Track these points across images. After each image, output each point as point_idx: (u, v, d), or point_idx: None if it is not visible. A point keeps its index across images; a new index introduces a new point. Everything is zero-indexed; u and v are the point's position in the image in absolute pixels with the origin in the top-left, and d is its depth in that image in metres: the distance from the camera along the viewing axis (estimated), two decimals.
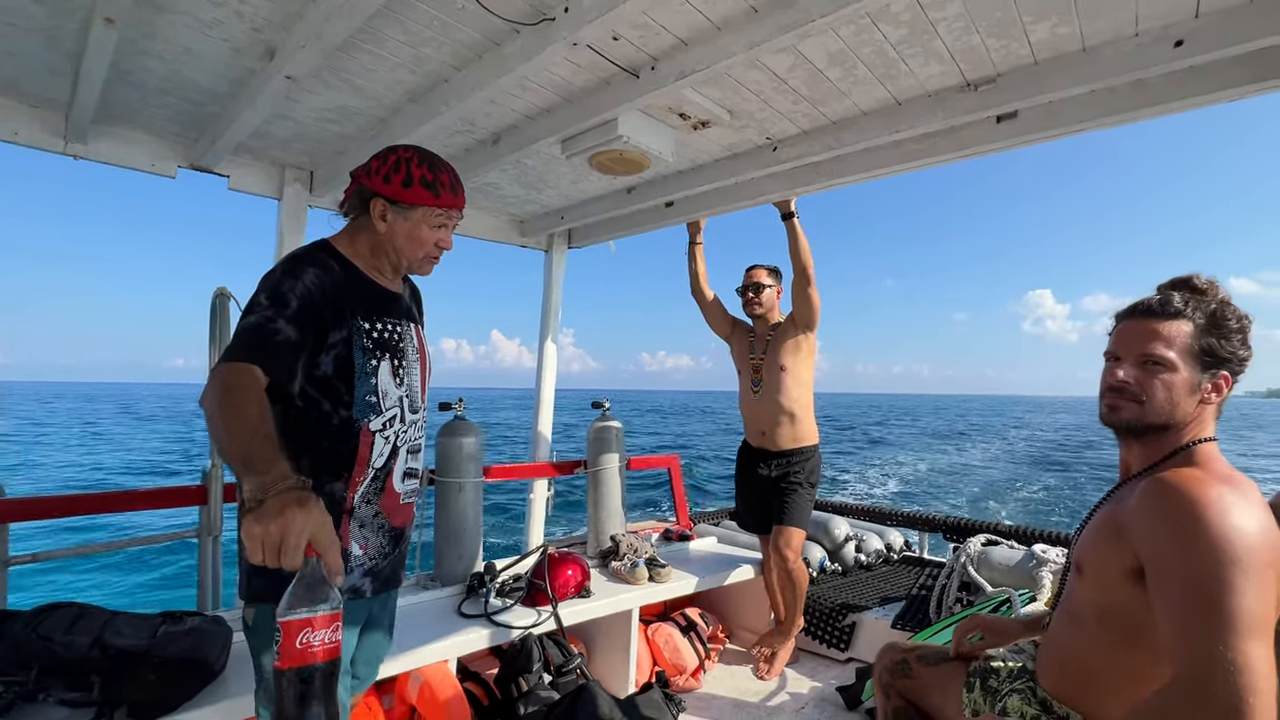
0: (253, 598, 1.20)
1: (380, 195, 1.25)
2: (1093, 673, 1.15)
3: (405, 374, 1.32)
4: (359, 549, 1.27)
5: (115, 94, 1.96)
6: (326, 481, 1.22)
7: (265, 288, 1.15)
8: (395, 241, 1.29)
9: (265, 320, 1.11)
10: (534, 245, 3.59)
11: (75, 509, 2.07)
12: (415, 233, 1.29)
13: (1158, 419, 1.10)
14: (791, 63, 1.74)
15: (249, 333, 1.10)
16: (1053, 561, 2.51)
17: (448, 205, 1.29)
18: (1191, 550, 0.91)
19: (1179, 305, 1.10)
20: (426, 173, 1.26)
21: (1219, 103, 1.68)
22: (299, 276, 1.17)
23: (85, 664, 1.48)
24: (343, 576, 0.94)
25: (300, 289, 1.15)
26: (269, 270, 1.20)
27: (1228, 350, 1.07)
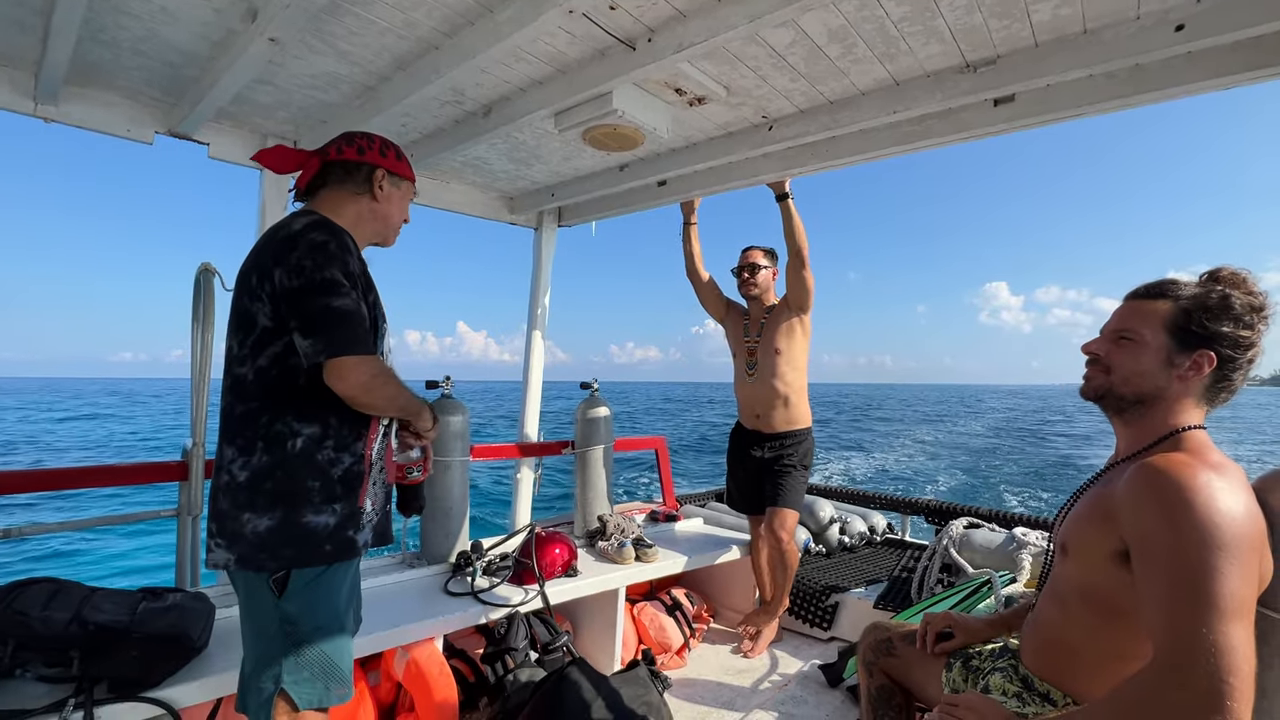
0: (284, 563, 1.23)
1: (381, 167, 1.40)
2: (1075, 652, 1.17)
3: (382, 341, 1.40)
4: (370, 505, 1.33)
5: (88, 54, 1.87)
6: (351, 441, 1.29)
7: (332, 264, 1.21)
8: (389, 209, 1.43)
9: (355, 305, 1.23)
10: (523, 223, 3.54)
11: (53, 483, 2.02)
12: (402, 203, 1.47)
13: (1125, 388, 1.13)
14: (791, 38, 1.70)
15: (358, 321, 1.22)
16: (1033, 544, 2.55)
17: (414, 180, 1.51)
18: (1177, 533, 0.92)
19: (1166, 288, 1.13)
20: (402, 152, 1.47)
21: (1216, 90, 1.68)
22: (350, 251, 1.28)
23: (64, 640, 1.45)
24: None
25: (355, 265, 1.28)
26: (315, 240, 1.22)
27: (1211, 328, 1.07)
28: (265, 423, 1.23)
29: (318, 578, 1.25)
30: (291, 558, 1.23)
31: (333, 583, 1.28)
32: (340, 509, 1.27)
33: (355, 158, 1.37)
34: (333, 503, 1.26)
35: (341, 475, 1.27)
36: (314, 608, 1.25)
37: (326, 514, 1.25)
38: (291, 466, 1.23)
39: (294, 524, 1.22)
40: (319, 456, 1.25)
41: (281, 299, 1.20)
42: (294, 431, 1.23)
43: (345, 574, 1.32)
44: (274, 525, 1.22)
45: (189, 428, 2.26)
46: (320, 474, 1.25)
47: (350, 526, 1.28)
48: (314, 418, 1.24)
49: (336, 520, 1.26)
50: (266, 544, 1.21)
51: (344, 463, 1.27)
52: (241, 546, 1.22)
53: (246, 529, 1.21)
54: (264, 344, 1.23)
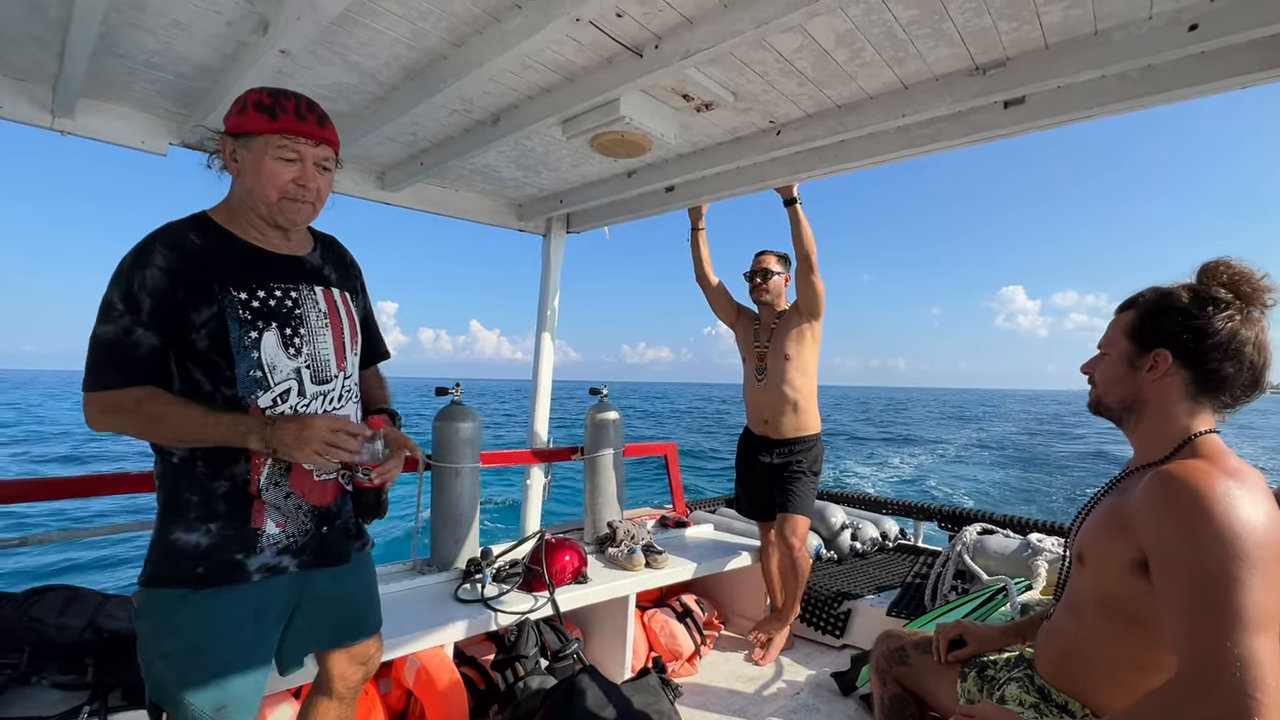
0: (144, 580, 1.14)
1: (226, 133, 1.18)
2: (1092, 662, 1.15)
3: (304, 342, 1.22)
4: (275, 527, 1.20)
5: (104, 67, 1.91)
6: (226, 466, 1.16)
7: (116, 286, 1.10)
8: (246, 182, 1.18)
9: (123, 332, 1.08)
10: (531, 229, 3.55)
11: (59, 492, 2.04)
12: (259, 165, 1.15)
13: (1107, 398, 1.19)
14: (798, 43, 1.70)
15: (112, 351, 1.08)
16: (1048, 550, 2.52)
17: (286, 130, 1.15)
18: (1198, 544, 0.91)
19: (1136, 297, 1.18)
20: (264, 98, 1.16)
21: (1229, 89, 1.66)
22: (147, 265, 1.10)
23: (79, 647, 1.47)
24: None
25: (151, 282, 1.09)
26: (121, 259, 1.12)
27: (1159, 325, 1.10)
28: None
29: (179, 601, 1.12)
30: (150, 576, 1.13)
31: (208, 609, 1.13)
32: (220, 529, 1.15)
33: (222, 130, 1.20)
34: (210, 521, 1.14)
35: (225, 493, 1.16)
36: (167, 633, 1.12)
37: (200, 533, 1.13)
38: (173, 478, 1.16)
39: (163, 540, 1.14)
40: (196, 471, 1.15)
41: None
42: (170, 449, 1.16)
43: (226, 601, 1.15)
44: (154, 538, 1.15)
45: None
46: (200, 489, 1.15)
47: (236, 549, 1.16)
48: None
49: (213, 541, 1.14)
50: (146, 556, 1.15)
51: (223, 485, 1.16)
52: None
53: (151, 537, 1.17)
54: None
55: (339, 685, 1.39)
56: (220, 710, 1.14)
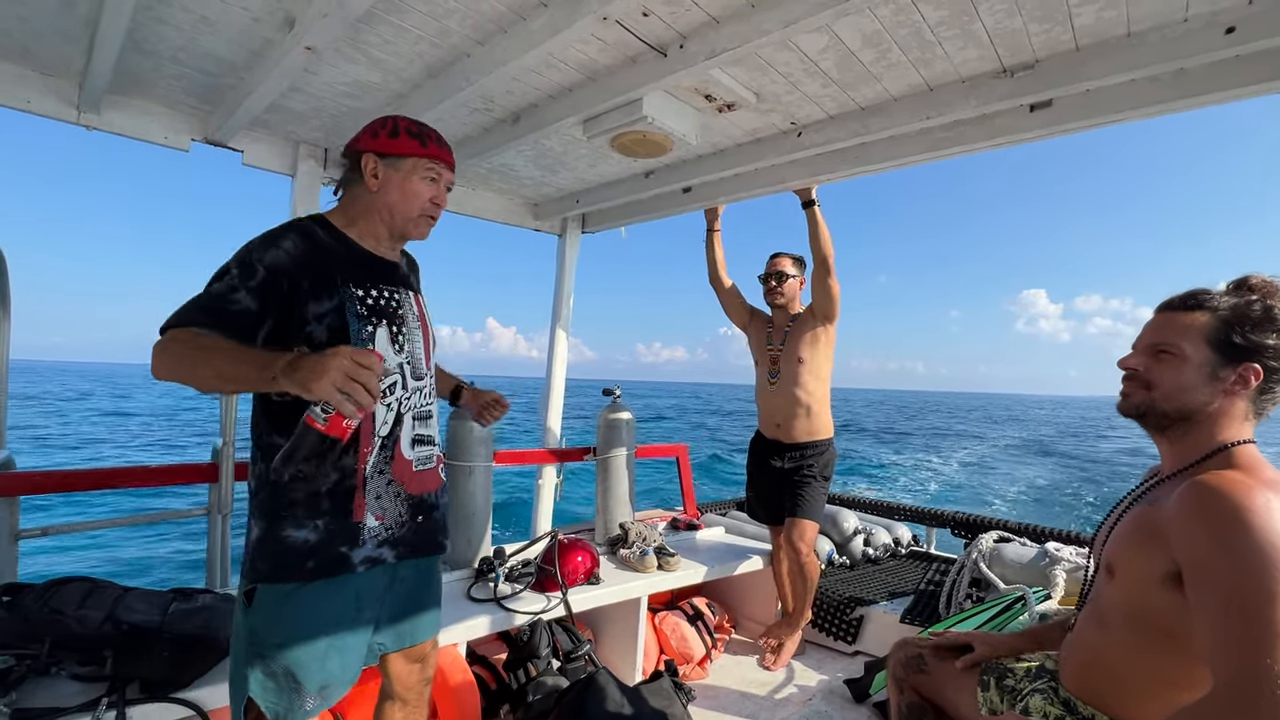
0: (256, 577, 1.19)
1: (369, 151, 1.27)
2: (1121, 675, 1.13)
3: (405, 341, 1.32)
4: (374, 519, 1.26)
5: (130, 63, 1.92)
6: (334, 457, 1.21)
7: (238, 254, 1.17)
8: (388, 198, 1.28)
9: (228, 289, 1.12)
10: (547, 229, 3.55)
11: (86, 484, 2.06)
12: (406, 185, 1.28)
13: (1168, 405, 1.10)
14: (825, 43, 1.69)
15: (206, 299, 1.12)
16: (1066, 560, 2.48)
17: (435, 155, 1.30)
18: (1235, 558, 0.89)
19: (1201, 299, 1.10)
20: (412, 125, 1.30)
21: (1263, 94, 1.63)
22: (275, 244, 1.17)
23: (98, 639, 1.47)
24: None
25: (271, 258, 1.16)
26: (257, 236, 1.21)
27: (1255, 340, 1.04)
28: (258, 434, 1.22)
29: (290, 595, 1.19)
30: (264, 573, 1.18)
31: (313, 601, 1.20)
32: (326, 525, 1.20)
33: (353, 147, 1.30)
34: (316, 518, 1.20)
35: (329, 489, 1.21)
36: (279, 624, 1.19)
37: (308, 529, 1.19)
38: (274, 478, 1.18)
39: (272, 538, 1.18)
40: (302, 468, 1.18)
41: None
42: (273, 443, 1.19)
43: (334, 591, 1.22)
44: (259, 536, 1.19)
45: (220, 429, 2.30)
46: (305, 485, 1.19)
47: (342, 542, 1.22)
48: (287, 431, 1.11)
49: (320, 536, 1.20)
50: (251, 553, 1.20)
51: (330, 476, 1.21)
52: (247, 550, 1.23)
53: (249, 536, 1.22)
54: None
55: (398, 687, 1.43)
56: (323, 689, 1.22)
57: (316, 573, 1.19)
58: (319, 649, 1.21)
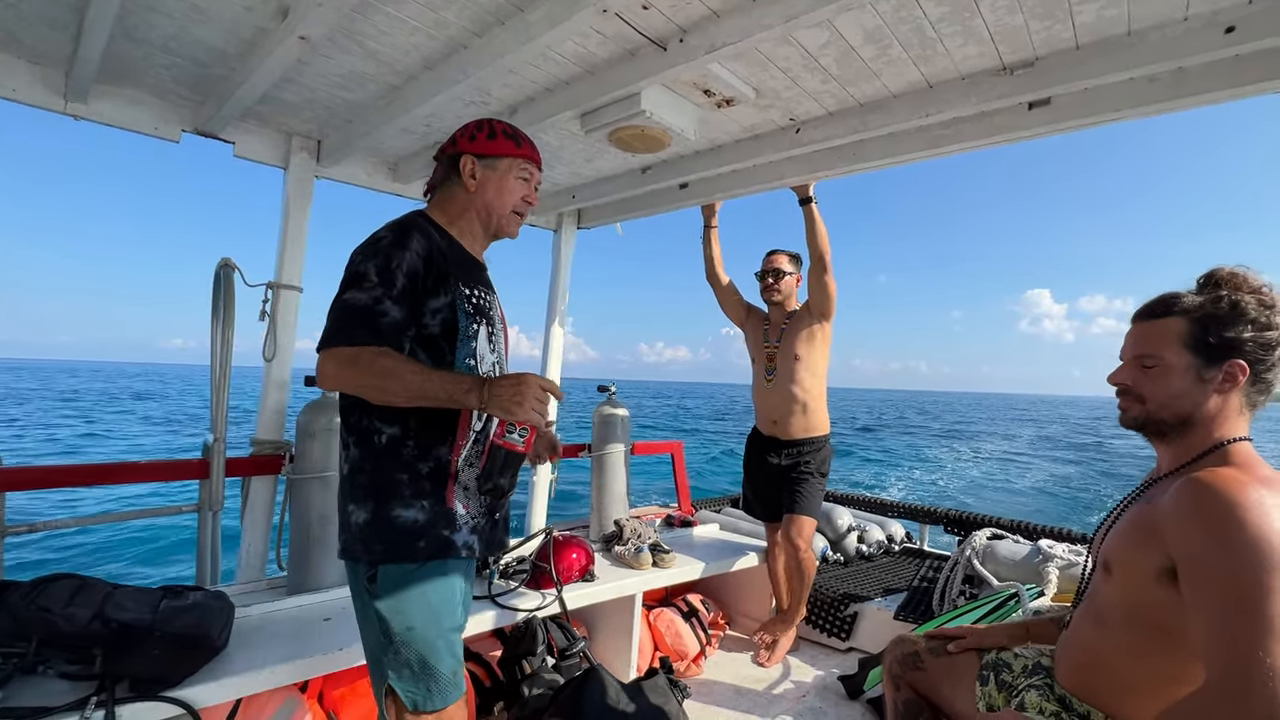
0: (374, 559, 1.21)
1: (468, 153, 1.34)
2: (1117, 673, 1.13)
3: (496, 340, 1.38)
4: (462, 509, 1.29)
5: (119, 52, 1.89)
6: (433, 446, 1.25)
7: (373, 260, 1.18)
8: (485, 196, 1.36)
9: (374, 301, 1.16)
10: (542, 224, 3.53)
11: (74, 479, 2.02)
12: (503, 184, 1.36)
13: (1163, 413, 1.11)
14: (825, 39, 1.68)
15: (362, 314, 1.15)
16: (1059, 557, 2.49)
17: (528, 156, 1.38)
18: (1230, 554, 0.89)
19: (1170, 304, 1.11)
20: (507, 128, 1.38)
21: (1261, 94, 1.64)
22: (406, 247, 1.21)
23: (86, 637, 1.44)
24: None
25: (407, 263, 1.20)
26: (374, 236, 1.22)
27: (1230, 337, 1.05)
28: (354, 420, 1.25)
29: (409, 575, 1.23)
30: (382, 553, 1.21)
31: (429, 581, 1.24)
32: (430, 506, 1.24)
33: (450, 150, 1.37)
34: (421, 499, 1.24)
35: (429, 472, 1.25)
36: (405, 607, 1.22)
37: (416, 509, 1.23)
38: (381, 460, 1.23)
39: (384, 518, 1.22)
40: (404, 453, 1.23)
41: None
42: (377, 428, 1.23)
43: (445, 573, 1.27)
44: (369, 518, 1.22)
45: (209, 425, 2.27)
46: (408, 468, 1.23)
47: (444, 526, 1.26)
48: (394, 420, 1.22)
49: (427, 517, 1.24)
50: (363, 536, 1.22)
51: (428, 463, 1.25)
52: (345, 536, 1.25)
53: (351, 520, 1.23)
54: None
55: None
56: (454, 674, 1.27)
57: (428, 553, 1.23)
58: (445, 631, 1.26)
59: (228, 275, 2.19)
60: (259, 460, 2.39)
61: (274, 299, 2.46)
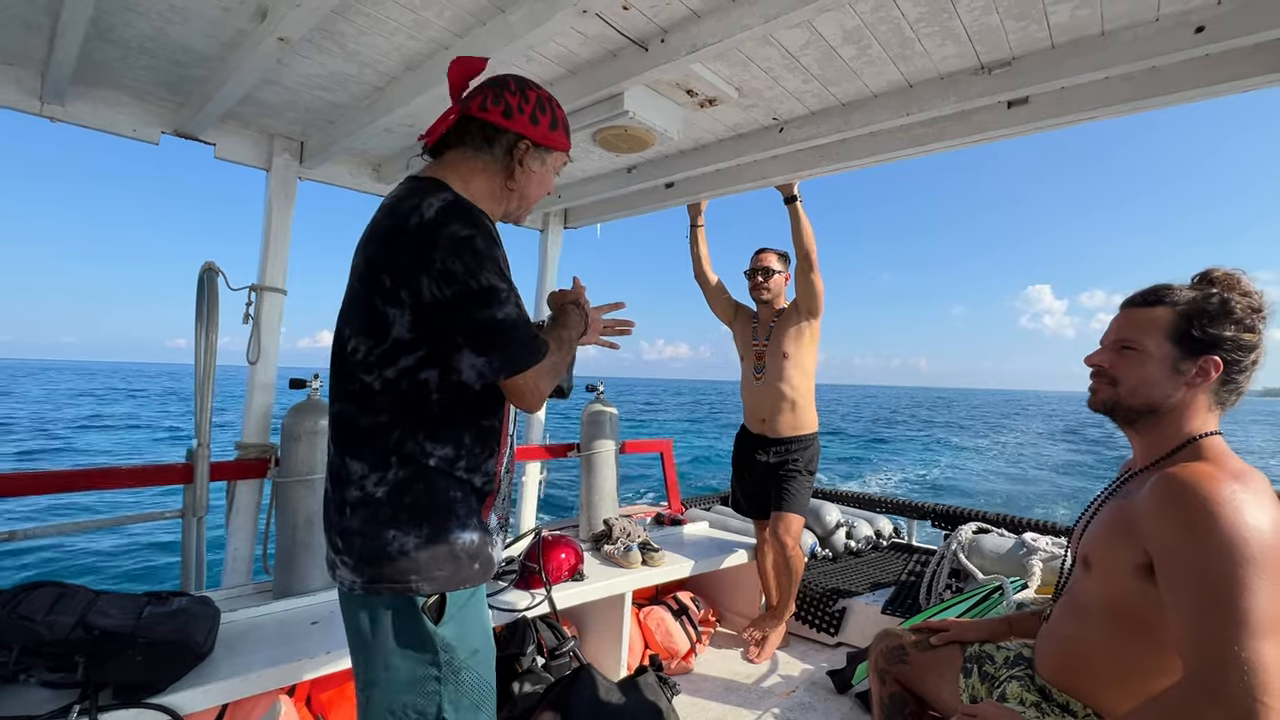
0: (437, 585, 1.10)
1: (526, 138, 1.18)
2: (1096, 665, 1.15)
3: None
4: (495, 519, 1.22)
5: (96, 53, 1.86)
6: (484, 459, 1.17)
7: (487, 267, 1.05)
8: (527, 187, 1.23)
9: (517, 307, 1.09)
10: (528, 224, 3.52)
11: (53, 486, 2.00)
12: (546, 177, 1.26)
13: (1133, 399, 1.12)
14: (805, 39, 1.69)
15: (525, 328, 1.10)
16: (1043, 550, 2.53)
17: (568, 150, 1.28)
18: (1204, 548, 0.91)
19: (1162, 295, 1.12)
20: (565, 116, 1.25)
21: (1232, 93, 1.67)
22: (497, 242, 1.11)
23: (69, 645, 1.43)
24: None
25: (502, 257, 1.11)
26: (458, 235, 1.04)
27: (1213, 334, 1.06)
28: (396, 439, 1.09)
29: (469, 598, 1.14)
30: (445, 579, 1.10)
31: (481, 603, 1.19)
32: (478, 524, 1.16)
33: (499, 121, 1.15)
34: (473, 517, 1.15)
35: (477, 490, 1.17)
36: (470, 631, 1.14)
37: (472, 529, 1.14)
38: (433, 480, 1.11)
39: (444, 541, 1.10)
40: (455, 472, 1.13)
41: (432, 313, 1.05)
42: (426, 451, 1.10)
43: (483, 594, 1.22)
44: (422, 543, 1.09)
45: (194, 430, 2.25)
46: (461, 486, 1.14)
47: (489, 543, 1.19)
48: (447, 439, 1.11)
49: (479, 536, 1.15)
50: (419, 564, 1.08)
51: (477, 481, 1.17)
52: (382, 567, 1.08)
53: (392, 547, 1.07)
54: (395, 356, 1.08)
55: None
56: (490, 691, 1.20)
57: (483, 575, 1.16)
58: (492, 654, 1.20)
59: (211, 279, 2.17)
60: (244, 464, 2.37)
61: (258, 301, 2.44)
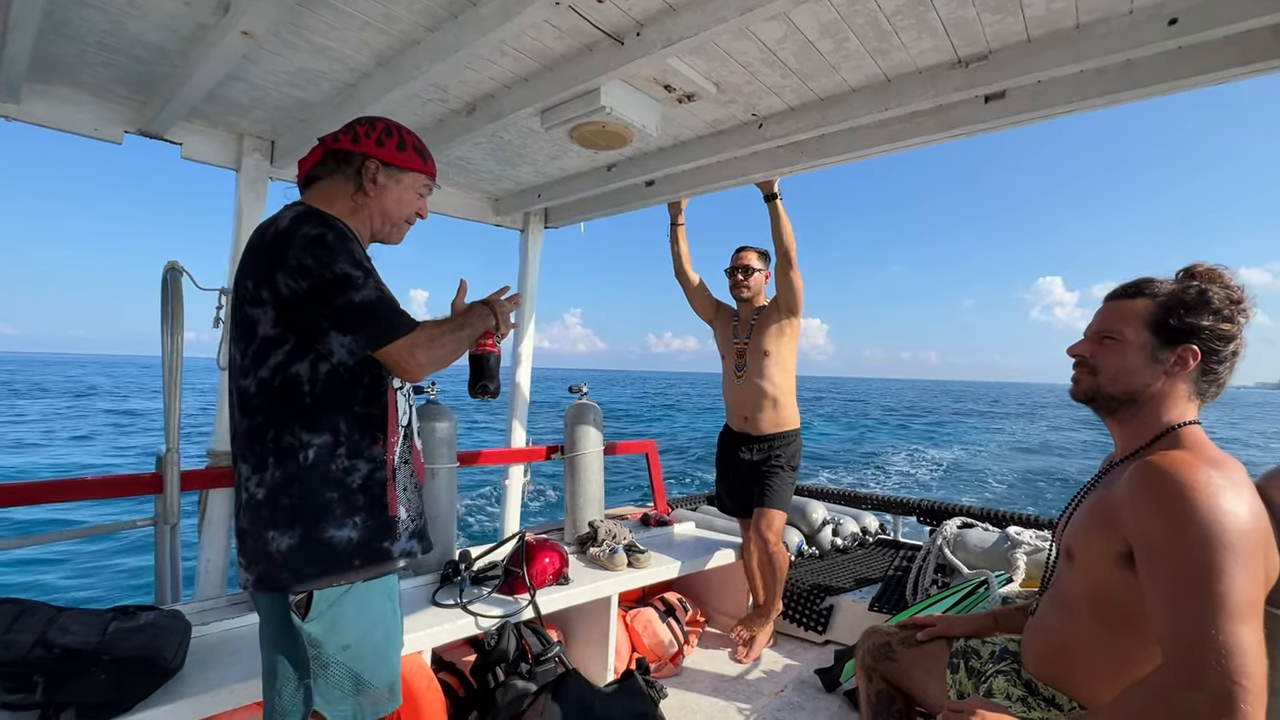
0: (305, 583, 1.15)
1: (373, 158, 1.28)
2: (1081, 657, 1.15)
3: None
4: (405, 512, 1.26)
5: (51, 48, 1.79)
6: (366, 446, 1.21)
7: (337, 258, 1.13)
8: (384, 205, 1.31)
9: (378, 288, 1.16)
10: (509, 224, 3.48)
11: (11, 500, 1.91)
12: (404, 196, 1.33)
13: (1113, 388, 1.14)
14: (783, 32, 1.67)
15: (390, 302, 1.17)
16: (1026, 543, 2.54)
17: (432, 174, 1.38)
18: (1182, 535, 0.91)
19: (1144, 287, 1.14)
20: (417, 141, 1.35)
21: (1205, 85, 1.68)
22: (351, 236, 1.20)
23: (27, 664, 1.37)
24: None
25: (358, 249, 1.19)
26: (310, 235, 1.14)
27: (1190, 323, 1.08)
28: (273, 437, 1.16)
29: (344, 595, 1.17)
30: (313, 576, 1.15)
31: (365, 598, 1.20)
32: (364, 520, 1.19)
33: (349, 146, 1.27)
34: (355, 514, 1.18)
35: (362, 484, 1.20)
36: (341, 627, 1.17)
37: (350, 527, 1.17)
38: (307, 479, 1.15)
39: (316, 540, 1.15)
40: (334, 466, 1.17)
41: (293, 306, 1.12)
42: (303, 443, 1.15)
43: (382, 587, 1.24)
44: (295, 543, 1.14)
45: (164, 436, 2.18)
46: (338, 485, 1.17)
47: (383, 537, 1.22)
48: (323, 426, 1.16)
49: (362, 533, 1.19)
50: (289, 562, 1.14)
51: (361, 470, 1.20)
52: (264, 566, 1.15)
53: (270, 547, 1.14)
54: (265, 353, 1.16)
55: None
56: (390, 688, 1.25)
57: (364, 570, 1.19)
58: (381, 646, 1.23)
59: (175, 279, 2.10)
60: (215, 472, 2.31)
61: (228, 305, 2.38)
